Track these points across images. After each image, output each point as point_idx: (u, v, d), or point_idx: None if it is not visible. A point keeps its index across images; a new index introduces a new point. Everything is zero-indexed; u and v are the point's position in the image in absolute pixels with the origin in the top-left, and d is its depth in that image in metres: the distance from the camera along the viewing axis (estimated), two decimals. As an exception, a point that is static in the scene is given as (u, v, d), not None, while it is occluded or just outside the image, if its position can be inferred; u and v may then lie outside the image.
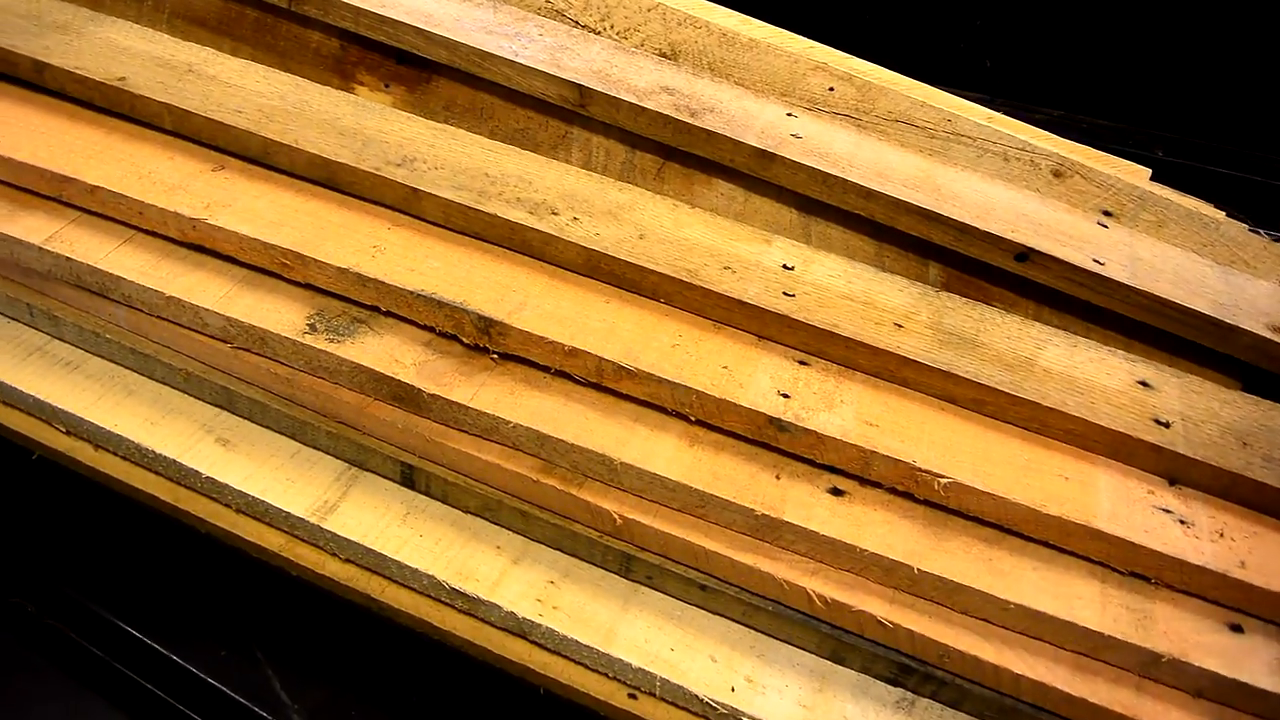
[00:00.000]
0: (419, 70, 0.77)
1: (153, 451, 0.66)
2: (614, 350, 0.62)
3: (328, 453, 0.66)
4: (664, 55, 0.79)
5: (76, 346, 0.71)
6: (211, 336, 0.67)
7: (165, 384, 0.69)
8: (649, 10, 0.79)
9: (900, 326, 0.65)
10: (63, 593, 0.75)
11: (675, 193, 0.73)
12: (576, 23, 0.80)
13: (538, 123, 0.75)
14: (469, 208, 0.67)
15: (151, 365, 0.69)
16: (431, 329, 0.65)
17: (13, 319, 0.73)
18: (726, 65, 0.78)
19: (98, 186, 0.68)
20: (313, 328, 0.64)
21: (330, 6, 0.76)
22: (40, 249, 0.68)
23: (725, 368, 0.62)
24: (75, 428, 0.69)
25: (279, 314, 0.65)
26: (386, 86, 0.78)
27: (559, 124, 0.75)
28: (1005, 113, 0.79)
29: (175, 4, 0.81)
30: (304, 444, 0.67)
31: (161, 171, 0.69)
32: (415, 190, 0.68)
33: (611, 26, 0.80)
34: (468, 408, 0.61)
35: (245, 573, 0.68)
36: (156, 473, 0.67)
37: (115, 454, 0.68)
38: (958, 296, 0.68)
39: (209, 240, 0.67)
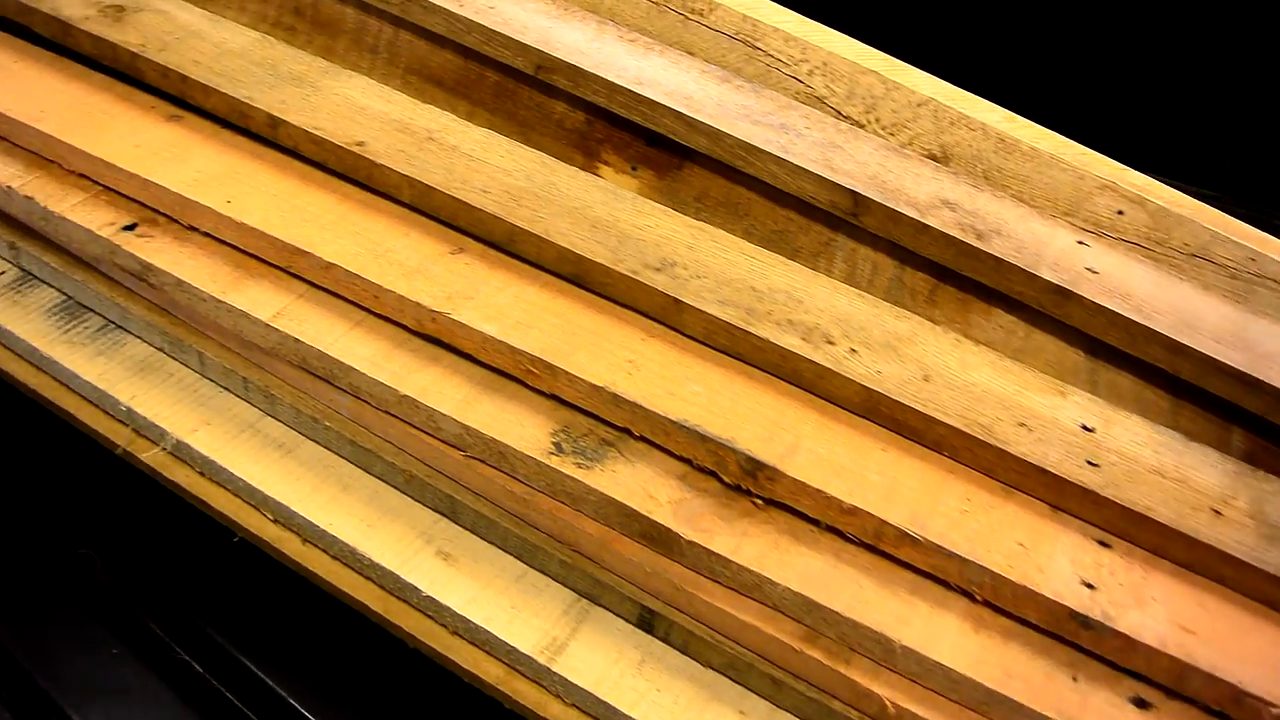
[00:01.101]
0: (671, 155, 0.71)
1: (368, 558, 0.61)
2: (898, 513, 0.55)
3: (557, 580, 0.61)
4: (934, 157, 0.72)
5: (291, 428, 0.66)
6: (443, 441, 0.61)
7: (384, 481, 0.64)
8: (919, 106, 0.72)
9: (1218, 514, 0.57)
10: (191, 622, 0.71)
11: (948, 319, 0.66)
12: (838, 113, 0.74)
13: (799, 225, 0.69)
14: (736, 328, 0.61)
15: (371, 460, 0.64)
16: (688, 461, 0.59)
17: (225, 389, 0.68)
18: (1004, 175, 0.71)
19: (333, 264, 0.63)
20: (558, 448, 0.58)
21: (582, 79, 0.70)
22: (267, 325, 0.63)
23: (1021, 545, 0.55)
24: (285, 519, 0.64)
25: (521, 428, 0.59)
26: (634, 169, 0.72)
27: (822, 229, 0.68)
28: (1242, 216, 0.71)
29: (410, 59, 0.76)
30: (531, 567, 0.61)
31: (399, 251, 0.64)
32: (677, 301, 0.62)
33: (877, 120, 0.73)
34: (729, 561, 0.55)
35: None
36: (369, 579, 0.62)
37: (326, 552, 0.63)
38: (1277, 479, 0.60)
39: (448, 335, 0.62)
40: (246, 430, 0.67)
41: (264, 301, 0.64)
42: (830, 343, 0.62)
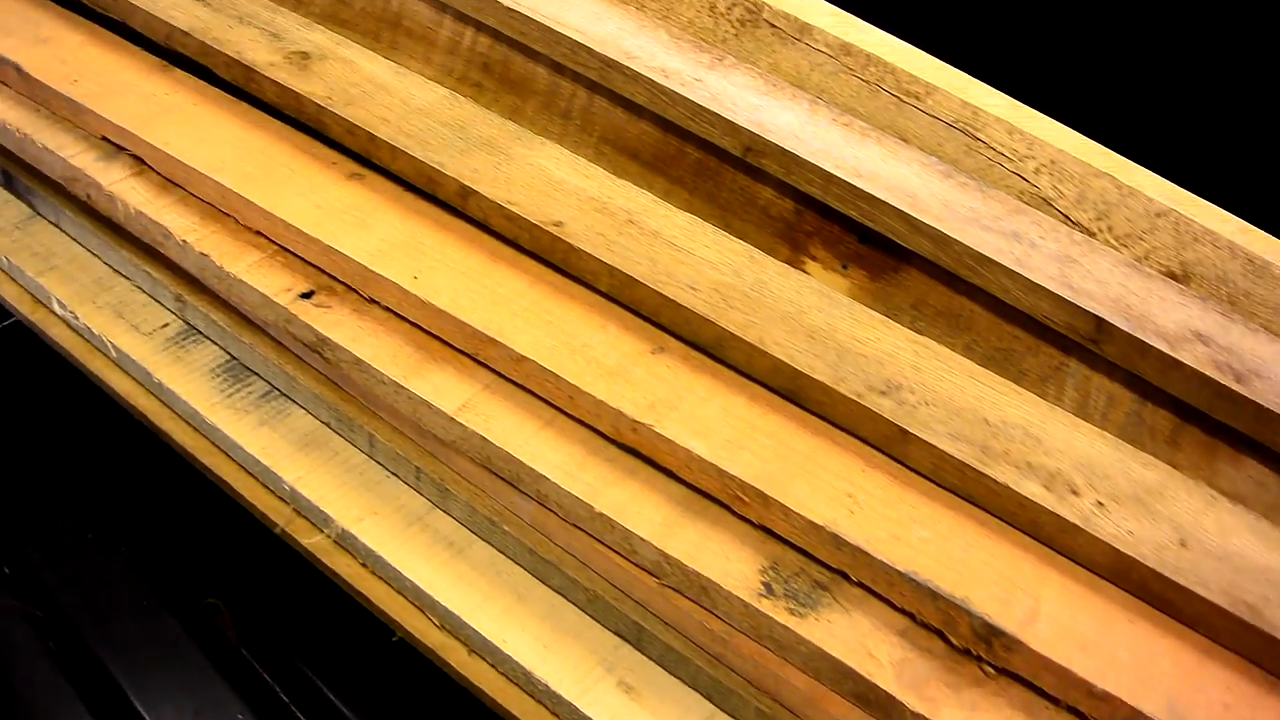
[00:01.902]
0: (887, 256, 0.65)
1: (544, 683, 0.56)
2: (1153, 702, 0.49)
3: (750, 728, 0.55)
4: (1173, 275, 0.65)
5: (463, 525, 0.62)
6: (636, 565, 0.55)
7: (563, 595, 0.60)
8: (1157, 216, 0.65)
9: None
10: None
11: (1192, 465, 0.60)
12: (1067, 217, 0.67)
13: (1027, 345, 0.62)
14: (970, 467, 0.55)
15: (550, 572, 0.59)
16: (910, 615, 0.53)
17: (394, 474, 0.64)
18: (1252, 301, 0.64)
19: (526, 358, 0.58)
20: (769, 589, 0.52)
21: (796, 166, 0.64)
22: (450, 419, 0.58)
23: (1296, 753, 0.48)
24: (453, 628, 0.59)
25: (727, 561, 0.53)
26: (844, 268, 0.66)
27: (1054, 352, 0.62)
28: None
29: (605, 128, 0.71)
30: (722, 710, 0.57)
31: (596, 347, 0.59)
32: (904, 431, 0.56)
33: (1109, 229, 0.67)
34: (959, 739, 0.49)
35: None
36: (541, 704, 0.57)
37: (495, 668, 0.58)
38: None
39: (648, 448, 0.56)
40: (415, 523, 0.63)
41: (448, 391, 0.60)
42: (1075, 493, 0.56)
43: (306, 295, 0.65)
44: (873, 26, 0.78)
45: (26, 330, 0.83)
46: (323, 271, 0.67)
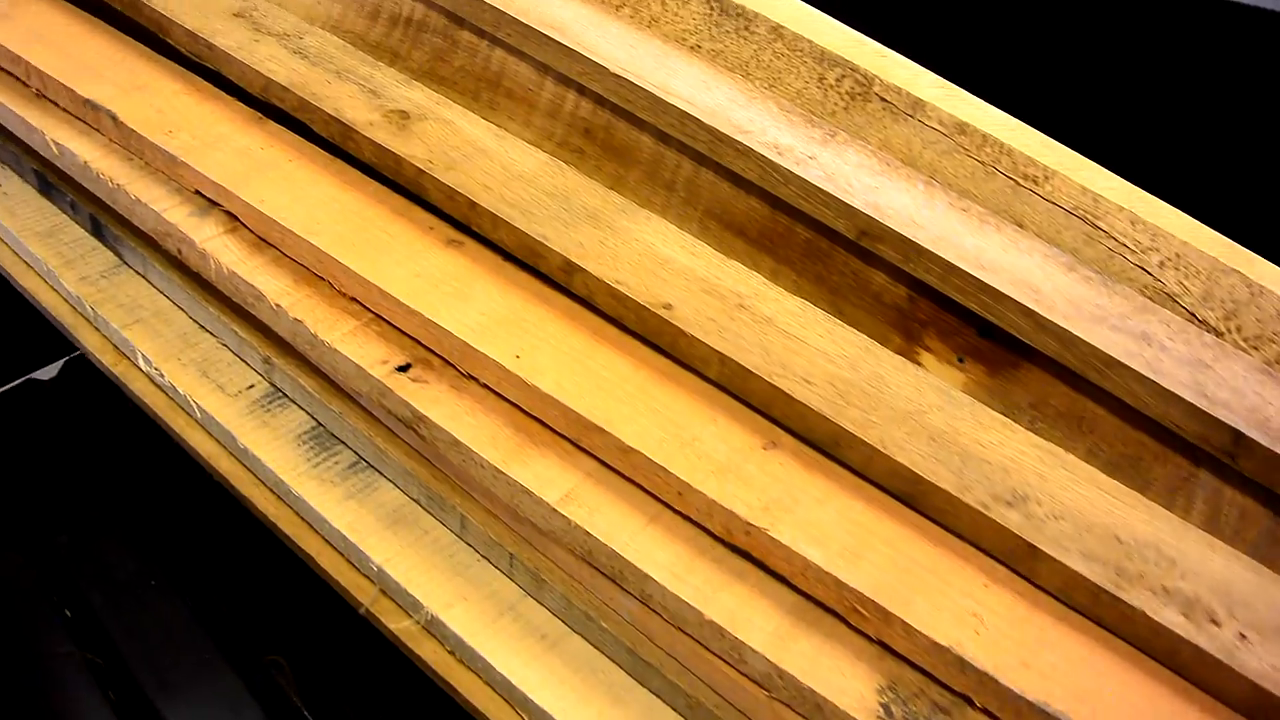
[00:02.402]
0: (1007, 352, 0.62)
1: (641, 795, 0.53)
2: None
3: None
4: (1306, 380, 0.61)
5: (558, 616, 0.59)
6: (745, 675, 0.53)
7: (661, 699, 0.57)
8: (1290, 318, 0.62)
9: None
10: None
11: (1333, 591, 0.56)
12: (1192, 315, 0.64)
13: (1154, 454, 0.59)
14: (1104, 590, 0.52)
15: (650, 674, 0.56)
16: (1037, 746, 0.49)
17: (485, 558, 0.62)
18: (1392, 414, 0.60)
19: (633, 449, 0.56)
20: (887, 711, 0.50)
21: (914, 254, 0.62)
22: (551, 509, 0.55)
23: None
24: (546, 728, 0.56)
25: (843, 678, 0.50)
26: (960, 361, 0.63)
27: (1183, 462, 0.59)
28: None
29: (711, 202, 0.68)
30: (829, 834, 0.52)
31: (706, 440, 0.57)
32: (1032, 547, 0.53)
33: (1238, 329, 0.63)
34: None
35: None
36: (635, 815, 0.54)
37: (588, 774, 0.55)
38: None
39: (761, 552, 0.54)
40: (507, 613, 0.60)
41: (550, 480, 0.57)
42: (1214, 622, 0.52)
43: (403, 369, 0.63)
44: (982, 101, 0.75)
45: (93, 365, 0.82)
46: (419, 343, 0.65)
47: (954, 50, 1.25)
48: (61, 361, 1.31)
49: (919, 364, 0.65)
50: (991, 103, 0.74)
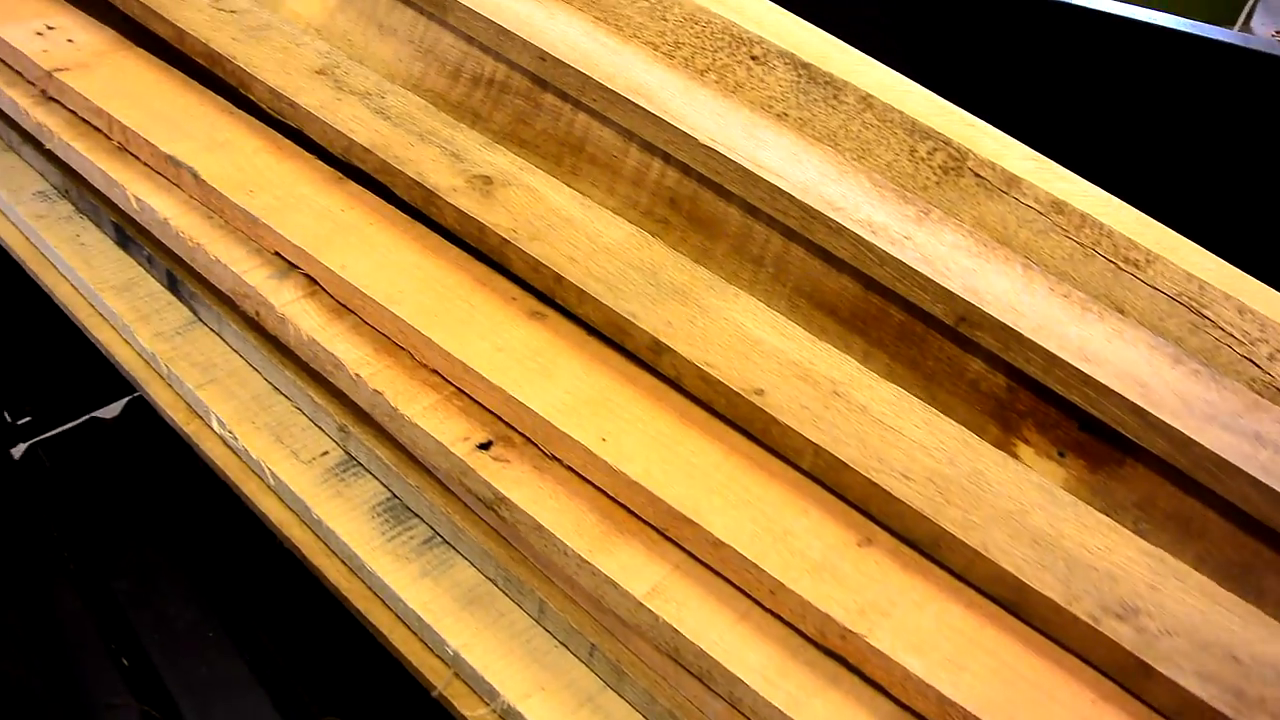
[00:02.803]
0: (1111, 448, 0.59)
1: None
2: None
3: None
4: None
5: (638, 711, 0.57)
6: (838, 787, 0.50)
7: (746, 806, 0.53)
8: None
9: None
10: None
11: None
12: (1301, 409, 0.61)
13: (1266, 562, 0.56)
14: (1220, 715, 0.48)
15: (735, 778, 0.53)
16: None
17: (563, 645, 0.59)
18: None
19: (724, 543, 0.53)
20: (992, 836, 0.46)
21: (1014, 342, 0.59)
22: (638, 603, 0.53)
23: None
24: (625, 831, 0.54)
25: (945, 800, 0.47)
26: (1061, 455, 0.60)
27: (1298, 572, 0.55)
28: None
29: (801, 279, 0.66)
30: None
31: (799, 535, 0.55)
32: (1145, 666, 0.50)
33: (1353, 427, 0.60)
34: None
35: None
36: None
37: None
38: None
39: (856, 657, 0.51)
40: (587, 704, 0.58)
41: (636, 571, 0.55)
42: (1342, 754, 0.49)
43: (484, 446, 0.61)
44: (1075, 175, 0.73)
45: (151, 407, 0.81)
46: (501, 420, 0.63)
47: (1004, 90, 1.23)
48: (124, 400, 1.32)
49: (1017, 457, 0.63)
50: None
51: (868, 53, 0.79)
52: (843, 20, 0.91)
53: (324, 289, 0.70)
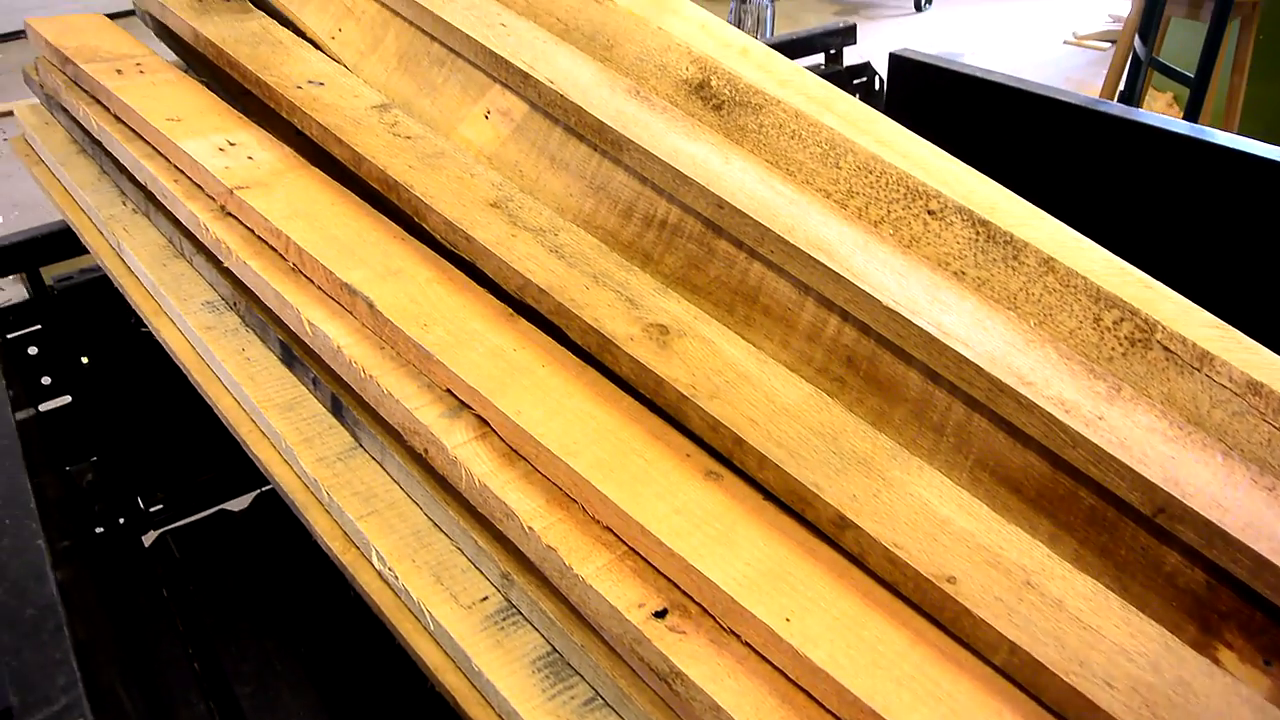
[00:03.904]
0: (1326, 662, 0.55)
1: None
2: None
3: None
4: None
5: None
6: None
7: None
8: None
9: None
10: None
11: None
12: None
13: None
14: None
15: None
16: None
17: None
18: None
19: (916, 747, 0.51)
20: None
21: (1218, 540, 0.57)
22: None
23: None
24: None
25: None
26: (1267, 664, 0.57)
27: None
28: None
29: (984, 453, 0.64)
30: None
31: (994, 743, 0.51)
32: None
33: None
34: None
35: None
36: None
37: None
38: None
39: None
40: None
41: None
42: None
43: (660, 614, 0.60)
44: (1260, 345, 0.70)
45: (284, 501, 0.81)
46: (677, 586, 0.62)
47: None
48: (253, 494, 1.33)
49: (1218, 662, 0.59)
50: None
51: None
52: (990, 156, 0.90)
53: (496, 432, 0.70)
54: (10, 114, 4.27)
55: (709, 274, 0.78)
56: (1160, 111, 3.56)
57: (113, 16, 1.21)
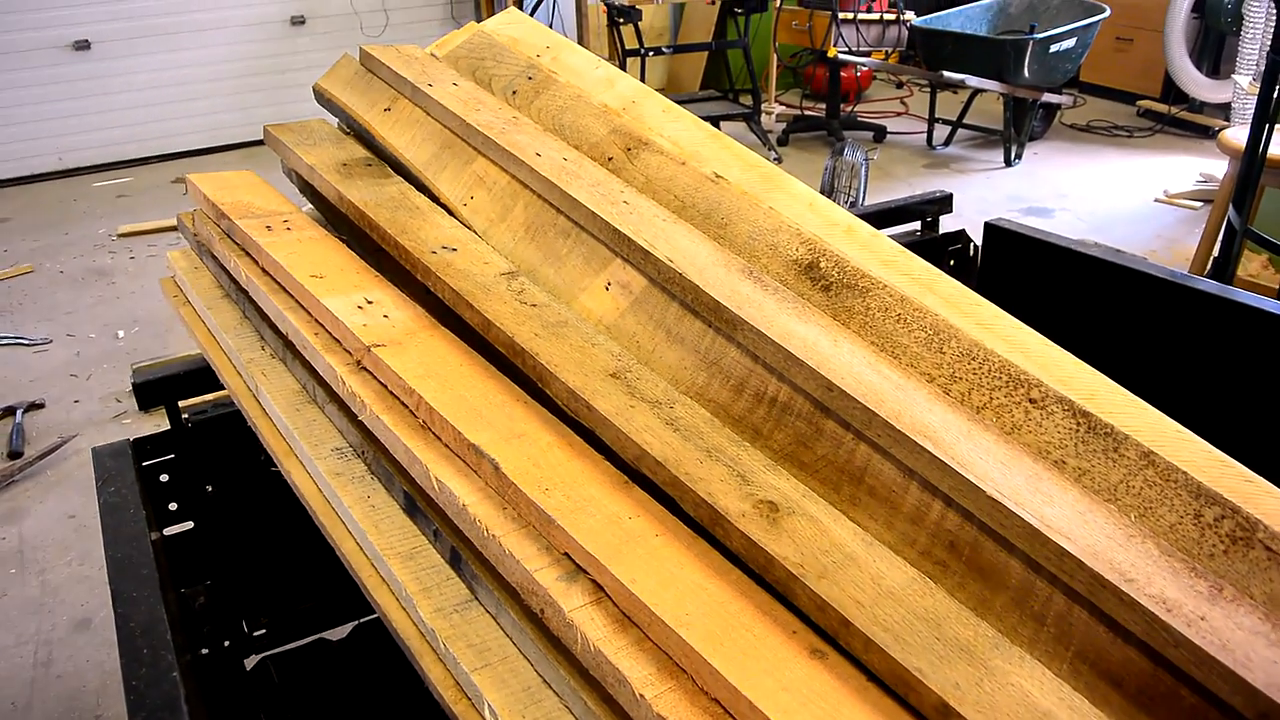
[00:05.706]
0: None
1: None
2: None
3: None
4: None
5: None
6: None
7: None
8: None
9: None
10: None
11: None
12: None
13: None
14: None
15: None
16: None
17: None
18: None
19: None
20: None
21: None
22: None
23: None
24: None
25: None
26: None
27: None
28: None
29: (1084, 645, 0.66)
30: None
31: None
32: None
33: None
34: None
35: None
36: None
37: None
38: None
39: None
40: None
41: None
42: None
43: (762, 791, 0.62)
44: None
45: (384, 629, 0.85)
46: (782, 764, 0.64)
47: None
48: (352, 624, 1.38)
49: None
50: None
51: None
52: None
53: (610, 598, 0.73)
54: (137, 234, 4.53)
55: (816, 452, 0.82)
56: (1255, 273, 3.54)
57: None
